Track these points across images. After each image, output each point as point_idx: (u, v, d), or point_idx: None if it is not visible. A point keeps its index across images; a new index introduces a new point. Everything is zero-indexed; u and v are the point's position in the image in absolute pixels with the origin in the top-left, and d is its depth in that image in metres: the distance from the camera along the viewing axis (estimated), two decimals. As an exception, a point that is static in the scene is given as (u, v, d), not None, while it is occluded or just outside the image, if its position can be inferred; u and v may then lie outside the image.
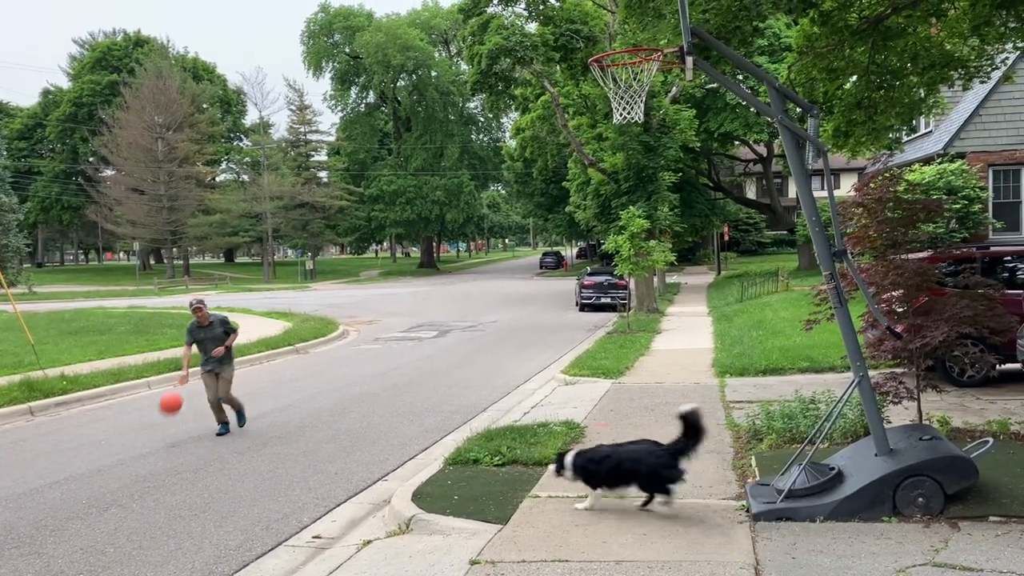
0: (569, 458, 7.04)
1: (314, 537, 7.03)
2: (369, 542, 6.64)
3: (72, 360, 17.29)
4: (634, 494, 6.93)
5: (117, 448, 10.41)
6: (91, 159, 77.55)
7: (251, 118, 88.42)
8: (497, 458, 8.56)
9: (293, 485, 8.54)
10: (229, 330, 11.43)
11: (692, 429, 6.78)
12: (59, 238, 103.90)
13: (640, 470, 6.76)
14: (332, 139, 79.93)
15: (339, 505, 7.90)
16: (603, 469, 6.87)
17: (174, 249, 72.82)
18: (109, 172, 75.39)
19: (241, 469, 9.22)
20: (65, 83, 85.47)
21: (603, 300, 30.88)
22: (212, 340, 11.26)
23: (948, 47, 10.86)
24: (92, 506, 7.93)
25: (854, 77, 11.52)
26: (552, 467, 7.27)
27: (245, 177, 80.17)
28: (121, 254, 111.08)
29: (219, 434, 11.06)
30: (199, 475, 9.00)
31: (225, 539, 6.95)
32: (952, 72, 11.04)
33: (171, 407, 10.31)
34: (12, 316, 18.35)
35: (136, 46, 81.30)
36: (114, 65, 78.94)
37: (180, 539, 6.96)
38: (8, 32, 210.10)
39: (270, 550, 6.73)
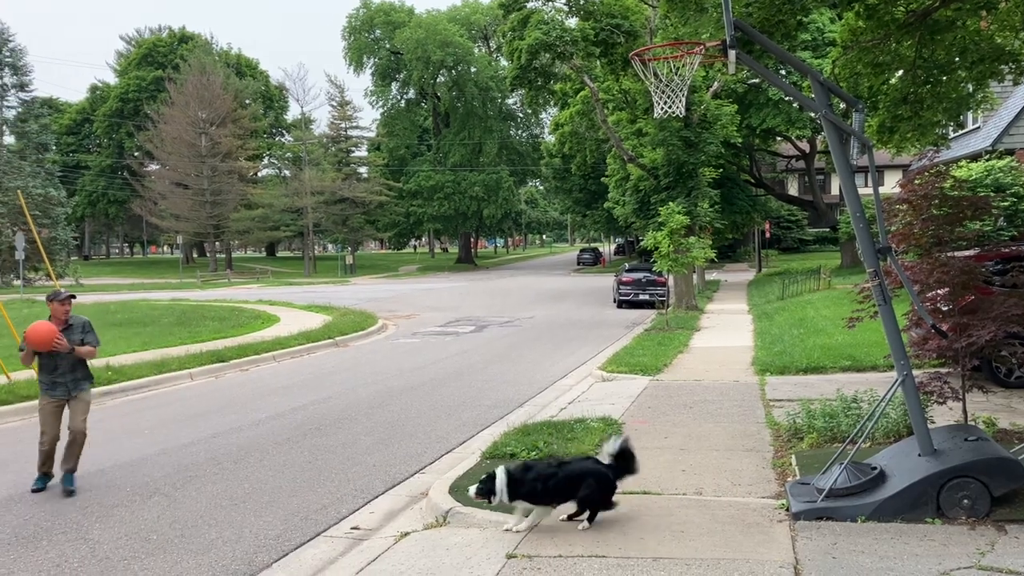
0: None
1: (352, 528, 7.09)
2: (407, 534, 6.68)
3: (117, 351, 17.59)
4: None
5: (160, 437, 10.59)
6: (136, 154, 79.00)
7: (293, 114, 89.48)
8: (534, 453, 8.56)
9: (332, 476, 8.63)
10: (92, 340, 8.48)
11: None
12: (105, 231, 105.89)
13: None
14: (372, 135, 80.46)
15: (377, 497, 7.96)
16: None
17: (217, 243, 73.88)
18: (154, 167, 76.73)
19: (281, 460, 9.33)
20: (112, 79, 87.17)
21: (641, 297, 30.72)
22: (66, 354, 8.24)
23: (999, 40, 10.66)
24: (136, 494, 8.08)
25: (900, 72, 11.36)
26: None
27: (287, 172, 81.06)
28: (165, 248, 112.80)
29: (35, 490, 8.13)
30: (240, 465, 9.12)
31: (265, 529, 7.04)
32: (1002, 66, 10.84)
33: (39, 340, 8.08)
34: (60, 307, 18.70)
35: (181, 43, 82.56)
36: (159, 61, 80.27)
37: (221, 528, 7.07)
38: (59, 30, 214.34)
39: (309, 540, 6.80)
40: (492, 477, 6.47)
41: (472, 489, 6.59)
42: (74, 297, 8.64)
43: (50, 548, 6.63)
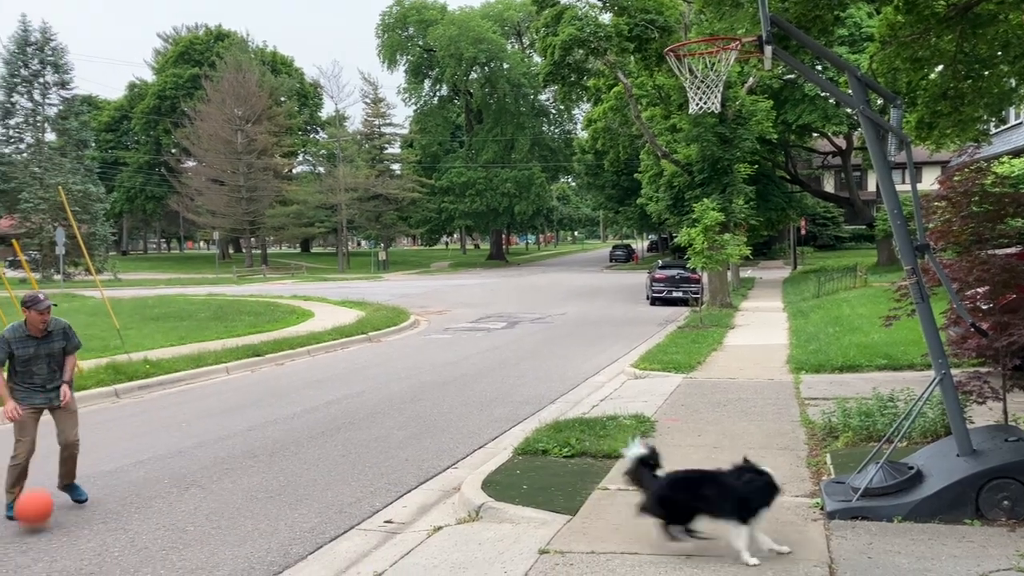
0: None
1: (386, 522, 7.15)
2: (439, 528, 6.72)
3: (155, 345, 17.87)
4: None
5: (197, 431, 10.74)
6: (173, 150, 79.98)
7: (327, 111, 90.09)
8: (566, 449, 8.57)
9: (365, 470, 8.70)
10: (73, 347, 7.62)
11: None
12: (143, 227, 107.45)
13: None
14: (405, 131, 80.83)
15: (410, 491, 8.01)
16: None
17: (252, 239, 74.63)
18: (190, 163, 77.62)
19: (315, 453, 9.42)
20: (150, 77, 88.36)
21: (674, 294, 30.55)
22: (47, 360, 7.40)
23: (1042, 34, 10.45)
24: (174, 486, 8.21)
25: (939, 67, 11.18)
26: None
27: (321, 169, 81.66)
28: (201, 243, 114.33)
29: (11, 517, 7.12)
30: (275, 458, 9.23)
31: (300, 521, 7.12)
32: (1046, 60, 10.62)
33: (34, 515, 6.92)
34: (99, 302, 19.06)
35: (217, 40, 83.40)
36: (196, 59, 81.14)
37: (257, 520, 7.15)
38: (97, 28, 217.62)
39: (343, 533, 6.87)
40: None
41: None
42: (55, 305, 7.61)
43: (91, 538, 6.76)
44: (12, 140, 57.96)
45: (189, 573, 6.04)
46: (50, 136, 58.62)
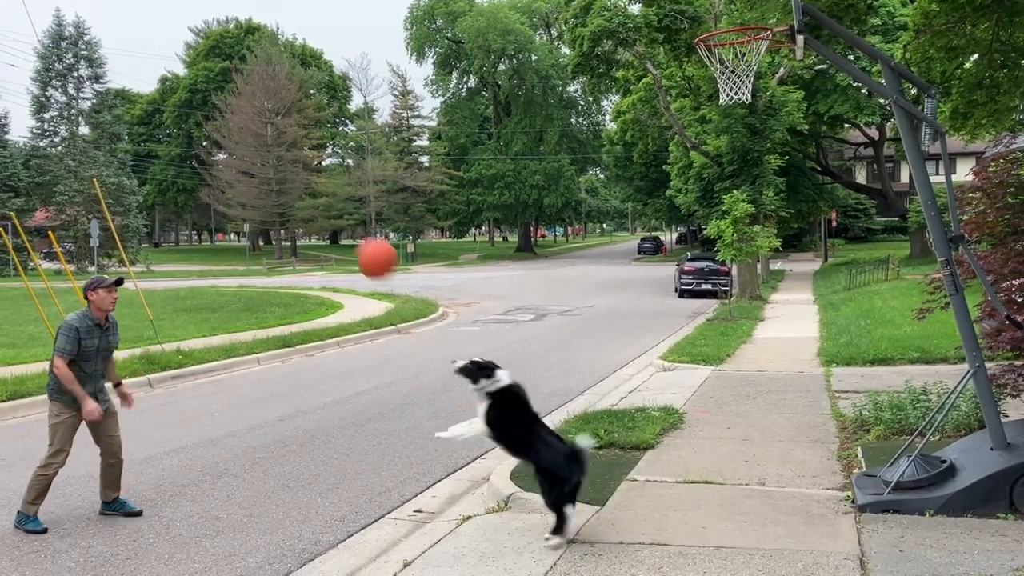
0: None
1: (415, 511, 7.20)
2: (468, 518, 6.76)
3: (187, 336, 18.07)
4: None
5: (229, 420, 10.87)
6: (204, 143, 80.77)
7: (356, 103, 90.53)
8: (594, 440, 8.57)
9: (395, 460, 8.76)
10: (115, 343, 7.12)
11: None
12: (174, 219, 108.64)
13: None
14: (433, 124, 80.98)
15: (439, 481, 8.06)
16: None
17: (282, 231, 75.20)
18: (221, 156, 78.45)
19: (345, 443, 9.50)
20: (181, 70, 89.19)
21: (704, 286, 30.42)
22: (105, 356, 6.94)
23: (1081, 22, 10.25)
24: (206, 474, 8.32)
25: (975, 56, 11.02)
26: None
27: (350, 161, 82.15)
28: (232, 235, 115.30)
29: (40, 531, 6.64)
30: (305, 448, 9.32)
31: (331, 510, 7.20)
32: (1085, 49, 10.44)
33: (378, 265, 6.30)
34: (133, 293, 19.30)
35: (247, 34, 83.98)
36: (227, 52, 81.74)
37: (288, 508, 7.24)
38: (130, 22, 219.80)
39: (373, 522, 6.93)
40: None
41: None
42: (121, 282, 7.01)
43: (126, 524, 6.87)
44: (47, 134, 58.84)
45: (222, 559, 6.13)
46: (84, 129, 59.40)
